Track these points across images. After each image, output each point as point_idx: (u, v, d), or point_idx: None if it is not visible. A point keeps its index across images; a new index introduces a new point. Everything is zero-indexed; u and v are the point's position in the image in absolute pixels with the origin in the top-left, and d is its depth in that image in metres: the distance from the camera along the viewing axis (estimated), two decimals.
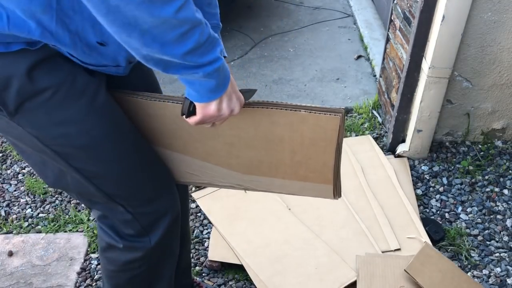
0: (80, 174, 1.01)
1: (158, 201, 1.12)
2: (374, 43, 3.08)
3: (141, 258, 1.17)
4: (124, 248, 1.15)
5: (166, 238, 1.17)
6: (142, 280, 1.23)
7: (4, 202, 2.03)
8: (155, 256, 1.19)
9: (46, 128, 0.94)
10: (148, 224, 1.12)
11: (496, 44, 1.94)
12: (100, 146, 0.99)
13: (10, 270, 1.74)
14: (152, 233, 1.13)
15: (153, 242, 1.14)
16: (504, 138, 2.27)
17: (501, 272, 1.73)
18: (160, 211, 1.12)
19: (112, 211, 1.10)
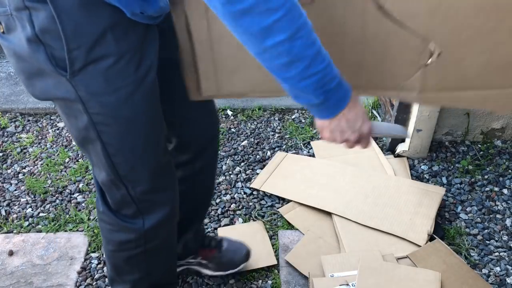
0: (104, 148, 1.05)
1: (160, 193, 1.16)
2: None
3: (135, 240, 1.20)
4: (118, 228, 1.19)
5: (162, 228, 1.21)
6: (139, 263, 1.27)
7: (5, 201, 2.03)
8: (152, 242, 1.22)
9: (99, 94, 0.97)
10: (145, 208, 1.16)
11: None
12: (138, 122, 1.03)
13: (10, 269, 1.75)
14: (146, 216, 1.17)
15: (146, 226, 1.17)
16: (503, 137, 2.27)
17: (500, 271, 1.74)
18: (159, 201, 1.17)
19: (114, 191, 1.13)
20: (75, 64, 0.93)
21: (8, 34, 0.95)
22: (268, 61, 0.84)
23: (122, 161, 1.07)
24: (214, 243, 1.63)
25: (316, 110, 0.94)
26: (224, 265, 1.63)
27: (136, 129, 1.04)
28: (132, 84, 0.98)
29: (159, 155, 1.12)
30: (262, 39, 0.80)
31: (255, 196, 2.03)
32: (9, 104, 2.58)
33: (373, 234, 1.80)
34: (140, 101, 1.01)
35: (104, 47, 0.93)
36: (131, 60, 0.96)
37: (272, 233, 1.86)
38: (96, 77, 0.95)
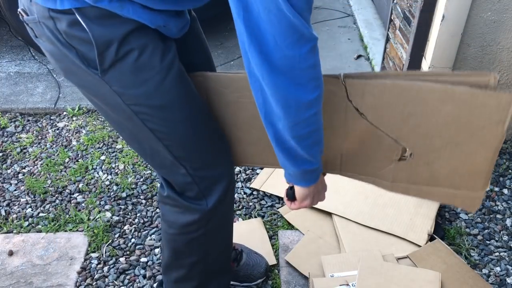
0: (153, 134, 1.11)
1: (216, 167, 1.21)
2: (374, 43, 3.08)
3: (199, 221, 1.25)
4: (183, 209, 1.24)
5: (221, 204, 1.25)
6: (199, 245, 1.32)
7: (5, 201, 2.03)
8: (212, 221, 1.27)
9: (130, 87, 1.05)
10: (205, 187, 1.21)
11: (495, 43, 1.94)
12: (174, 107, 1.09)
13: (10, 269, 1.75)
14: (208, 196, 1.22)
15: (209, 205, 1.23)
16: None
17: (501, 271, 1.73)
18: (217, 176, 1.22)
19: (175, 174, 1.19)
20: (104, 63, 1.01)
21: (40, 38, 1.05)
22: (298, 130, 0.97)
23: (172, 143, 1.14)
24: (234, 255, 1.64)
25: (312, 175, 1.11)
26: (240, 278, 1.65)
27: (174, 114, 1.10)
28: (159, 73, 1.05)
29: (208, 132, 1.18)
30: (304, 111, 0.95)
31: (255, 196, 2.03)
32: (9, 104, 2.58)
33: (373, 234, 1.79)
34: (170, 88, 1.07)
35: (128, 44, 1.00)
36: (154, 51, 1.03)
37: (272, 233, 1.86)
38: (124, 72, 1.03)
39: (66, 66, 1.06)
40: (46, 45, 1.05)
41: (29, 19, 1.03)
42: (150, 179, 2.12)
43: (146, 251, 1.81)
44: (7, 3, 2.65)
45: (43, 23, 1.00)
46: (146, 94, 1.06)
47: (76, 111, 2.54)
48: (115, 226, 1.91)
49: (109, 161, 2.22)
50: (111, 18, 0.98)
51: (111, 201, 2.02)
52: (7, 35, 3.22)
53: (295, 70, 0.90)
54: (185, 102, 1.11)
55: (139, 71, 1.03)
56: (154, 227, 1.91)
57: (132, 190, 2.07)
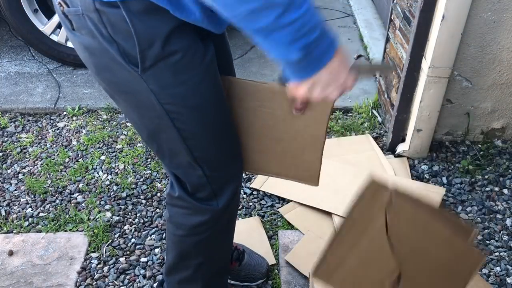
0: (179, 134, 1.11)
1: (230, 166, 1.22)
2: (374, 43, 3.08)
3: (208, 221, 1.25)
4: (193, 210, 1.24)
5: (230, 204, 1.26)
6: (205, 246, 1.32)
7: (5, 201, 2.03)
8: (220, 222, 1.28)
9: (169, 87, 1.04)
10: (217, 188, 1.22)
11: (496, 43, 1.94)
12: (207, 108, 1.09)
13: (10, 269, 1.75)
14: (219, 197, 1.23)
15: (220, 205, 1.23)
16: (503, 137, 2.27)
17: (501, 271, 1.73)
18: (229, 176, 1.23)
19: (190, 174, 1.19)
20: (146, 61, 0.99)
21: (78, 31, 1.02)
22: (236, 6, 0.77)
23: (196, 143, 1.14)
24: (236, 255, 1.65)
25: (295, 68, 0.87)
26: (241, 278, 1.66)
27: (206, 114, 1.10)
28: (198, 74, 1.05)
29: (229, 133, 1.19)
30: None
31: (255, 196, 2.03)
32: (9, 104, 2.58)
33: None
34: (207, 89, 1.08)
35: (173, 44, 0.99)
36: (197, 52, 1.03)
37: (272, 233, 1.86)
38: (165, 72, 1.02)
39: (102, 61, 1.03)
40: (85, 38, 1.01)
41: (70, 11, 0.99)
42: (150, 179, 2.12)
43: (146, 251, 1.81)
44: (7, 3, 2.65)
45: (87, 15, 0.96)
46: (183, 94, 1.05)
47: (76, 111, 2.54)
48: (115, 226, 1.91)
49: (109, 161, 2.22)
50: (155, 13, 0.94)
51: (111, 201, 2.02)
52: (7, 35, 3.22)
53: None
54: (217, 103, 1.12)
55: (180, 72, 1.03)
56: (154, 227, 1.91)
57: (132, 190, 2.07)
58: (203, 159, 1.17)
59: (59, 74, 2.84)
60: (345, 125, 2.41)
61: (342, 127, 2.40)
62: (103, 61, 1.03)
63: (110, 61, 1.02)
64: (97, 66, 1.06)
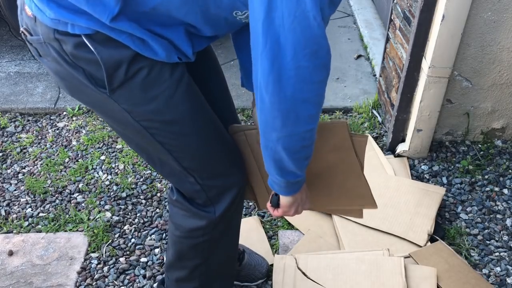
0: (163, 147, 1.12)
1: (226, 177, 1.21)
2: (374, 43, 3.08)
3: (205, 227, 1.25)
4: (191, 213, 1.24)
5: (229, 212, 1.25)
6: (202, 250, 1.31)
7: (4, 201, 2.03)
8: (217, 228, 1.27)
9: (140, 104, 1.04)
10: (214, 196, 1.22)
11: (496, 43, 1.94)
12: (184, 120, 1.09)
13: (10, 269, 1.75)
14: (217, 204, 1.23)
15: (217, 213, 1.23)
16: (503, 137, 2.27)
17: (501, 271, 1.73)
18: (226, 185, 1.21)
19: (184, 182, 1.19)
20: (113, 83, 1.01)
21: (45, 57, 1.04)
22: (292, 143, 0.96)
23: (182, 155, 1.14)
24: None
25: (295, 186, 1.09)
26: (241, 277, 1.66)
27: (184, 127, 1.10)
28: (169, 88, 1.04)
29: (218, 143, 1.18)
30: (303, 125, 0.94)
31: None
32: (9, 104, 2.58)
33: (373, 234, 1.79)
34: (180, 102, 1.06)
35: (138, 62, 1.00)
36: (164, 66, 1.02)
37: (272, 233, 1.86)
38: (134, 90, 1.02)
39: (72, 84, 1.05)
40: (51, 64, 1.04)
41: (33, 39, 1.03)
42: (150, 179, 2.12)
43: (146, 251, 1.81)
44: (7, 3, 2.65)
45: (49, 43, 0.99)
46: (156, 110, 1.05)
47: (76, 111, 2.54)
48: (115, 226, 1.91)
49: (109, 161, 2.22)
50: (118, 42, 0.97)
51: (111, 201, 2.02)
52: (7, 35, 3.22)
53: (304, 83, 0.88)
54: (195, 115, 1.10)
55: (149, 88, 1.02)
56: (154, 227, 1.90)
57: (132, 190, 2.07)
58: (193, 168, 1.16)
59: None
60: None
61: None
62: (73, 84, 1.05)
63: (80, 85, 1.03)
64: (70, 89, 1.08)
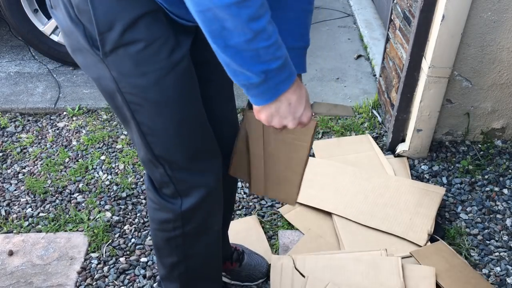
0: (138, 127, 1.09)
1: (196, 176, 1.17)
2: (374, 43, 3.08)
3: (173, 220, 1.22)
4: (159, 206, 1.22)
5: (199, 210, 1.22)
6: (177, 246, 1.28)
7: (5, 201, 2.03)
8: (189, 225, 1.24)
9: (130, 76, 1.01)
10: (183, 189, 1.18)
11: (495, 43, 1.94)
12: (168, 106, 1.05)
13: (10, 269, 1.75)
14: (185, 198, 1.19)
15: (183, 207, 1.19)
16: (503, 137, 2.27)
17: (501, 271, 1.73)
18: (196, 182, 1.18)
19: (153, 170, 1.16)
20: (106, 45, 0.97)
21: (55, 9, 1.02)
22: (213, 22, 0.82)
23: (156, 141, 1.10)
24: (236, 256, 1.64)
25: (255, 91, 0.92)
26: (242, 278, 1.66)
27: (167, 112, 1.06)
28: (162, 69, 1.01)
29: (195, 139, 1.14)
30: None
31: (255, 196, 2.03)
32: (9, 104, 2.58)
33: (373, 234, 1.79)
34: (171, 86, 1.03)
35: (135, 32, 0.96)
36: (163, 46, 0.99)
37: (272, 233, 1.86)
38: (126, 59, 0.99)
39: (73, 43, 1.02)
40: (59, 16, 1.00)
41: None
42: None
43: (146, 251, 1.81)
44: (7, 3, 2.65)
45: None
46: (143, 85, 1.02)
47: (76, 111, 2.54)
48: (115, 226, 1.91)
49: (109, 161, 2.22)
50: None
51: (111, 201, 2.02)
52: (7, 35, 3.22)
53: None
54: (183, 104, 1.07)
55: (142, 63, 0.99)
56: None
57: (132, 190, 2.07)
58: (164, 158, 1.13)
59: (59, 74, 2.84)
60: (345, 125, 2.41)
61: (342, 127, 2.40)
62: (74, 42, 1.02)
63: (78, 44, 1.00)
64: (71, 48, 1.05)
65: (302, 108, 0.98)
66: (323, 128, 2.40)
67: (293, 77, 0.93)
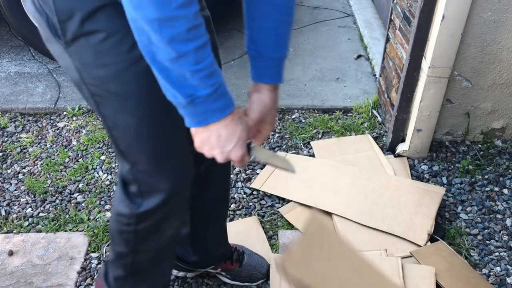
0: (104, 120, 1.09)
1: (158, 179, 1.15)
2: (374, 43, 3.08)
3: (128, 217, 1.21)
4: (121, 198, 1.21)
5: (156, 214, 1.20)
6: (128, 240, 1.27)
7: (5, 201, 2.03)
8: (142, 224, 1.22)
9: (90, 66, 1.00)
10: (146, 191, 1.17)
11: (495, 43, 1.94)
12: (129, 100, 1.03)
13: (10, 269, 1.75)
14: (145, 201, 1.18)
15: (141, 209, 1.18)
16: (503, 137, 2.27)
17: (501, 271, 1.73)
18: (156, 187, 1.16)
19: (121, 164, 1.17)
20: (67, 35, 0.97)
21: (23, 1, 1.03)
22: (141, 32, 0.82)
23: (120, 136, 1.10)
24: (236, 256, 1.64)
25: (183, 111, 0.92)
26: (242, 278, 1.66)
27: (128, 107, 1.04)
28: (122, 62, 0.99)
29: (159, 142, 1.11)
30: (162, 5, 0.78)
31: (255, 196, 2.03)
32: (9, 104, 2.58)
33: (373, 234, 1.79)
34: (131, 80, 1.01)
35: (95, 23, 0.95)
36: (124, 39, 0.97)
37: (272, 233, 1.86)
38: (87, 49, 0.98)
39: (42, 32, 1.02)
40: (28, 7, 1.01)
41: None
42: None
43: None
44: (7, 2, 2.65)
45: None
46: (105, 77, 1.01)
47: (76, 111, 2.54)
48: None
49: (109, 161, 2.22)
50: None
51: (111, 201, 2.02)
52: (7, 35, 3.22)
53: None
54: (144, 101, 1.04)
55: (101, 54, 0.98)
56: None
57: None
58: (128, 155, 1.12)
59: (59, 74, 2.84)
60: (345, 125, 2.41)
61: (342, 127, 2.40)
62: (43, 32, 1.02)
63: (46, 33, 1.01)
64: (43, 37, 1.05)
65: (232, 145, 0.96)
66: (323, 128, 2.40)
67: (227, 111, 0.92)
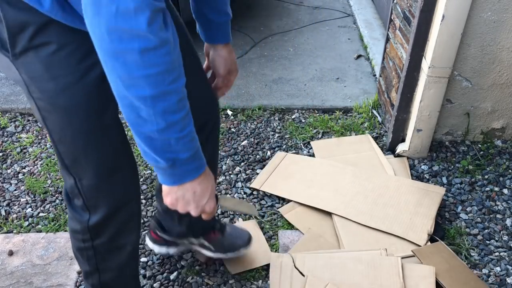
0: (50, 134, 1.08)
1: (104, 193, 1.15)
2: (374, 43, 3.08)
3: (82, 233, 1.21)
4: (71, 215, 1.22)
5: (107, 228, 1.20)
6: (88, 258, 1.27)
7: (5, 201, 2.03)
8: (99, 240, 1.22)
9: (39, 79, 0.99)
10: (92, 205, 1.17)
11: (495, 43, 1.94)
12: (76, 114, 1.03)
13: (10, 269, 1.75)
14: (93, 214, 1.18)
15: (91, 222, 1.19)
16: (503, 137, 2.27)
17: (501, 271, 1.73)
18: (104, 200, 1.16)
19: (66, 179, 1.16)
20: (16, 47, 0.96)
21: None
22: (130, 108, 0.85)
23: (66, 150, 1.09)
24: (218, 226, 1.65)
25: (161, 172, 0.96)
26: (224, 248, 1.65)
27: (75, 121, 1.04)
28: (71, 75, 0.99)
29: (106, 156, 1.11)
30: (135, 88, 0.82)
31: (255, 196, 2.03)
32: (9, 104, 2.58)
33: (373, 234, 1.79)
34: (80, 94, 1.01)
35: (47, 35, 0.95)
36: (76, 51, 0.97)
37: (272, 233, 1.86)
38: (36, 62, 0.97)
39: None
40: None
41: None
42: (150, 179, 2.12)
43: (146, 251, 1.81)
44: None
45: None
46: (53, 90, 0.99)
47: None
48: None
49: None
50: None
51: None
52: None
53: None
54: (92, 114, 1.04)
55: (52, 66, 0.97)
56: None
57: None
58: (72, 170, 1.11)
59: None
60: (345, 125, 2.41)
61: (342, 127, 2.40)
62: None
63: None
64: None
65: (206, 198, 1.01)
66: (323, 128, 2.40)
67: (201, 169, 0.97)
